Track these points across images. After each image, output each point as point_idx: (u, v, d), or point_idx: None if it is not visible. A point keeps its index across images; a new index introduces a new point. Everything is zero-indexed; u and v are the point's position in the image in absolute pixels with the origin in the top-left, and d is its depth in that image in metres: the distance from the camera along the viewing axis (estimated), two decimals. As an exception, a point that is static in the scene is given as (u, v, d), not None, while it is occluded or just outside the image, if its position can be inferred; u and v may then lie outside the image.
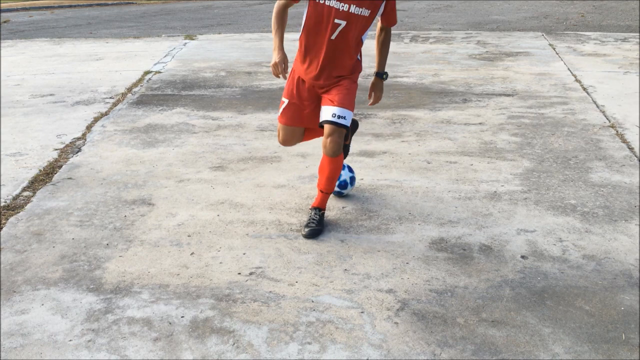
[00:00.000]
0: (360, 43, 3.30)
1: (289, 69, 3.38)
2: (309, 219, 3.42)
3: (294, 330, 2.57)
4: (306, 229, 3.36)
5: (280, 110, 3.46)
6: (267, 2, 17.33)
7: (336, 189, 3.69)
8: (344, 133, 3.25)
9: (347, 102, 3.23)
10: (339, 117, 3.20)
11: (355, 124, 3.79)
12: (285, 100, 3.42)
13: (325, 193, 3.46)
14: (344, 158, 3.59)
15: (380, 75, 3.47)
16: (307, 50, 3.29)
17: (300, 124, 3.46)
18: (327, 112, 3.23)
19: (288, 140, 3.57)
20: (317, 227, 3.37)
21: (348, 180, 3.74)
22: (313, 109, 3.38)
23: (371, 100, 3.55)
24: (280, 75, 3.26)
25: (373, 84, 3.52)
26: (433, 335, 2.52)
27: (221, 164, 4.46)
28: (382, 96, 3.58)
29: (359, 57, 3.37)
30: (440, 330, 2.56)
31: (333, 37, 3.18)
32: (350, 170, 3.78)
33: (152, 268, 3.07)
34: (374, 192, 3.91)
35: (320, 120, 3.27)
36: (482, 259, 3.12)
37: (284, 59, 3.23)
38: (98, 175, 4.27)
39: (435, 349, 2.44)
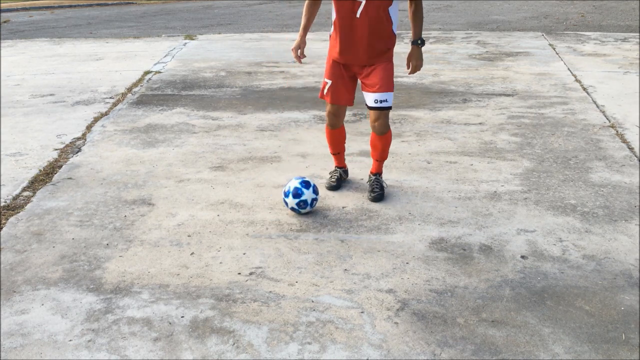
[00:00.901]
0: (388, 17, 3.48)
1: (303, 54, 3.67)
2: (372, 185, 3.81)
3: (294, 330, 2.57)
4: (372, 194, 3.76)
5: (326, 89, 3.69)
6: (267, 2, 17.34)
7: (295, 206, 3.54)
8: (388, 113, 3.64)
9: (386, 85, 3.55)
10: (380, 101, 3.56)
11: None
12: (329, 81, 3.67)
13: (380, 161, 3.86)
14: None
15: (415, 42, 3.60)
16: (341, 32, 3.51)
17: (343, 102, 3.71)
18: (370, 98, 3.58)
19: (338, 118, 3.77)
20: (381, 192, 3.79)
21: (309, 202, 3.53)
22: (349, 89, 3.68)
23: (409, 70, 3.68)
24: (297, 60, 3.64)
25: (410, 54, 3.65)
26: (433, 335, 2.52)
27: (221, 164, 4.46)
28: (422, 64, 3.67)
29: (393, 30, 3.53)
30: (440, 330, 2.56)
31: (358, 15, 3.42)
32: (315, 191, 3.56)
33: (152, 268, 3.07)
34: (374, 192, 3.90)
35: (367, 104, 3.63)
36: (482, 259, 3.12)
37: (299, 44, 3.59)
38: (98, 175, 4.27)
39: (435, 349, 2.44)
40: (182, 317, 2.67)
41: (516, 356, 2.40)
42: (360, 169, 4.27)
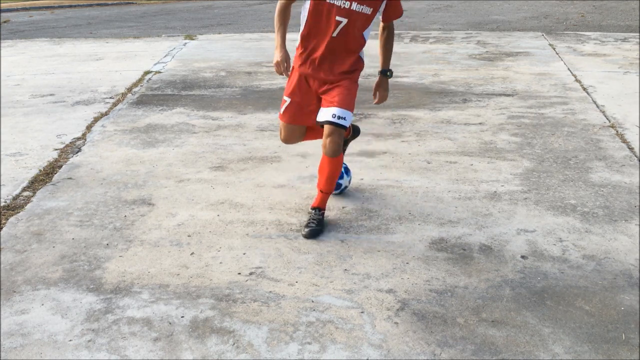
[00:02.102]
0: (362, 40, 3.31)
1: (291, 67, 3.41)
2: (309, 219, 3.43)
3: (294, 330, 2.57)
4: (306, 229, 3.36)
5: (282, 108, 3.47)
6: (267, 2, 17.34)
7: (347, 183, 3.76)
8: (343, 133, 3.28)
9: (347, 103, 3.25)
10: (338, 117, 3.21)
11: (357, 130, 3.85)
12: (287, 99, 3.43)
13: (325, 193, 3.46)
14: (345, 147, 3.65)
15: (384, 73, 3.44)
16: (308, 47, 3.31)
17: (301, 122, 3.47)
18: (327, 112, 3.25)
19: (289, 138, 3.59)
20: (317, 227, 3.37)
21: (343, 170, 3.69)
22: (314, 108, 3.38)
23: (376, 99, 3.51)
24: (284, 74, 3.29)
25: (377, 83, 3.48)
26: (433, 335, 2.52)
27: (221, 164, 4.46)
28: (388, 95, 3.52)
29: (361, 55, 3.37)
30: (440, 330, 2.56)
31: (334, 34, 3.21)
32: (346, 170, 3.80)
33: (152, 268, 3.07)
34: (374, 192, 3.91)
35: (320, 120, 3.29)
36: (482, 259, 3.12)
37: (286, 57, 3.28)
38: (98, 175, 4.27)
39: (435, 349, 2.44)
40: (182, 317, 2.67)
41: (516, 356, 2.40)
42: (360, 169, 4.27)
